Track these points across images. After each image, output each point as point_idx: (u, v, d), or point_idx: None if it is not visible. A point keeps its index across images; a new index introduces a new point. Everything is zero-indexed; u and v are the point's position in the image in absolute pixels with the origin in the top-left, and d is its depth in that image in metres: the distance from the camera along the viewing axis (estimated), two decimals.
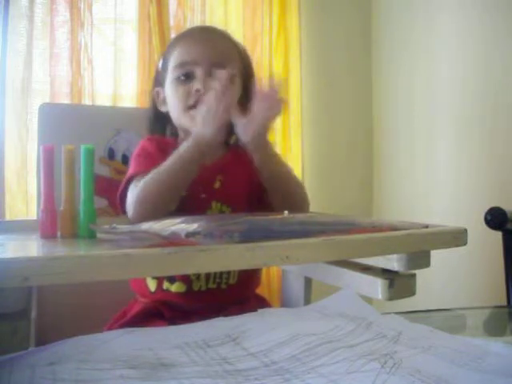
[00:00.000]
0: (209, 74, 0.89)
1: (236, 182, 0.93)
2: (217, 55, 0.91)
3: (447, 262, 1.33)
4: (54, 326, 0.95)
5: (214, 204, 0.90)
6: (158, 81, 0.98)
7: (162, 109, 0.97)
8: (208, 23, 1.82)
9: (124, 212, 0.85)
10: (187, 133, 0.89)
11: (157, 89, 0.98)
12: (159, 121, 0.98)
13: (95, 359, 0.47)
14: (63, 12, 1.66)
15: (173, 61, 0.93)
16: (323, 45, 2.09)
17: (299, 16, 2.00)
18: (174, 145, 0.92)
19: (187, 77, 0.91)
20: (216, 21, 1.85)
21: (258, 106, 0.81)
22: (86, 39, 1.68)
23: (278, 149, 1.79)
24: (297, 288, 0.95)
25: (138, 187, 0.82)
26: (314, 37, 2.07)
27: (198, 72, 0.90)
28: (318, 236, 0.60)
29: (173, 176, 0.81)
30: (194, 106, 0.89)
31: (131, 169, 0.89)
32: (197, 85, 0.89)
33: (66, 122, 1.09)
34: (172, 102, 0.93)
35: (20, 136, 1.61)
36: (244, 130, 0.83)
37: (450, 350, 0.50)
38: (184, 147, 0.82)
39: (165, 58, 0.97)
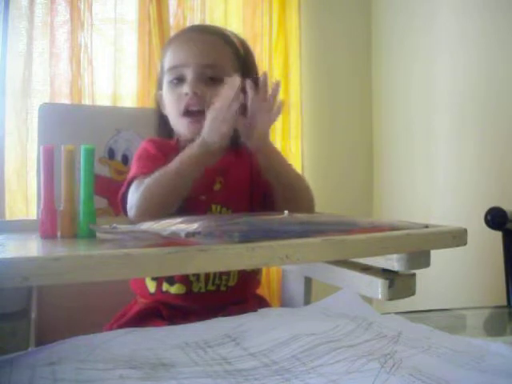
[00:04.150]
0: (199, 76, 0.89)
1: (236, 184, 0.93)
2: (206, 56, 0.90)
3: (447, 262, 1.33)
4: (53, 326, 0.95)
5: (213, 207, 0.90)
6: (160, 84, 0.98)
7: (165, 112, 0.97)
8: (208, 23, 1.81)
9: (125, 212, 0.85)
10: (184, 137, 0.91)
11: (159, 92, 0.98)
12: (164, 123, 0.98)
13: (95, 359, 0.47)
14: (63, 12, 1.66)
15: (166, 64, 0.93)
16: (323, 45, 2.10)
17: (299, 16, 2.00)
18: (175, 147, 0.92)
19: (179, 80, 0.90)
20: (216, 20, 1.86)
21: (256, 109, 0.81)
22: (85, 39, 1.68)
23: (278, 149, 1.79)
24: (297, 288, 0.95)
25: (142, 188, 0.81)
26: (314, 37, 2.07)
27: (188, 75, 0.89)
28: (318, 236, 0.60)
29: (177, 179, 0.81)
30: (186, 112, 0.89)
31: (133, 170, 0.89)
32: (185, 88, 0.89)
33: (66, 122, 1.09)
34: (168, 106, 0.93)
35: (20, 136, 1.61)
36: (246, 133, 0.83)
37: (450, 350, 0.50)
38: (190, 151, 0.81)
39: (161, 60, 0.97)
